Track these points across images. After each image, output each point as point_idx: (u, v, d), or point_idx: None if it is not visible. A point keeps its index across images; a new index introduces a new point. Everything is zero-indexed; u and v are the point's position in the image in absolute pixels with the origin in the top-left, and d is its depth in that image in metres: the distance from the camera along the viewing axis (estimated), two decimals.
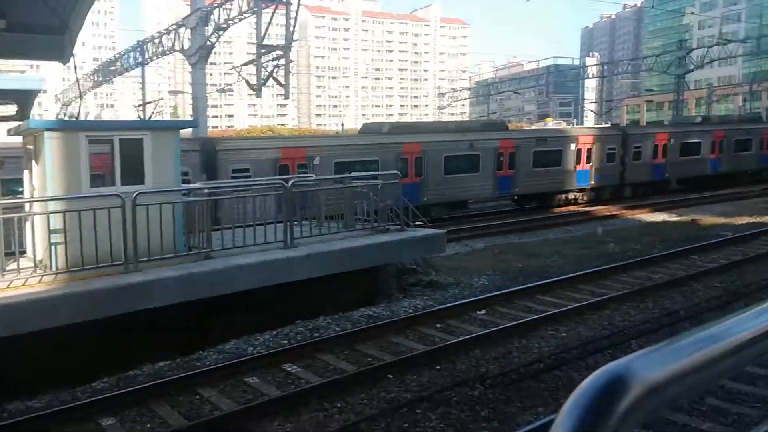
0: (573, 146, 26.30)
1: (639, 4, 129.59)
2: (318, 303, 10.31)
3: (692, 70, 47.67)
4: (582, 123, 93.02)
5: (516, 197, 25.89)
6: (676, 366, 0.69)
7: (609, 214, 23.15)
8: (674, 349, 0.71)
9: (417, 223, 12.78)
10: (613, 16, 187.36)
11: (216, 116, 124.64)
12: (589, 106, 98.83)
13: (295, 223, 10.57)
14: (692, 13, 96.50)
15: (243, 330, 9.28)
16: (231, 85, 36.03)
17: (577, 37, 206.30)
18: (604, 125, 51.91)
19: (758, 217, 19.04)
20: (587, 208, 25.30)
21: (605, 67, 60.77)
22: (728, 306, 9.79)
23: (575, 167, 26.33)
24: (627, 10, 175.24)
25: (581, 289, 11.33)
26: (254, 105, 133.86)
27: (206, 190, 10.56)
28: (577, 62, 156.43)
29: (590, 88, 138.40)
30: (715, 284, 11.17)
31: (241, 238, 9.95)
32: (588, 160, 26.71)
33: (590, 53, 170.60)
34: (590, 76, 65.23)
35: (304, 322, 9.72)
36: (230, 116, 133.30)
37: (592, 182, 26.95)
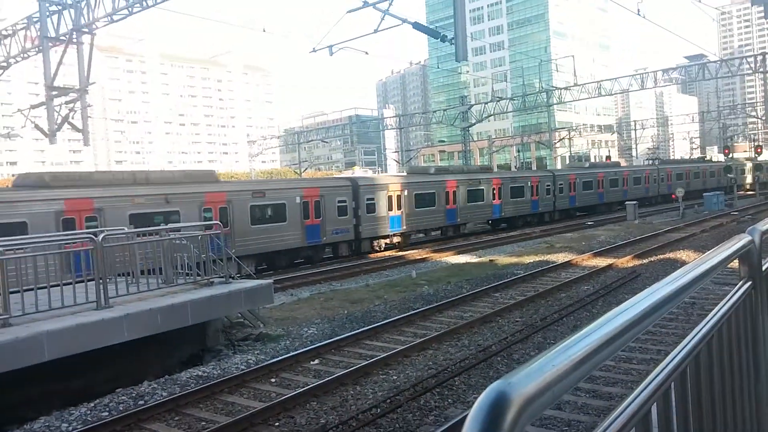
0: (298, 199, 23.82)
1: (423, 62, 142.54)
2: (140, 367, 9.56)
3: (474, 124, 53.34)
4: (386, 170, 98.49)
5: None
6: (544, 377, 0.85)
7: (420, 257, 24.66)
8: (540, 364, 0.87)
9: (237, 275, 12.54)
10: (402, 71, 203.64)
11: None
12: (391, 155, 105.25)
13: (109, 281, 9.77)
14: (467, 72, 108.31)
15: (54, 404, 8.24)
16: (12, 129, 32.28)
17: (374, 89, 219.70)
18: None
19: (542, 256, 21.52)
20: (401, 253, 26.77)
21: (401, 119, 65.26)
22: (530, 338, 10.99)
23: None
24: (413, 65, 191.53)
25: (405, 332, 11.92)
26: (42, 151, 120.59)
27: None
28: (376, 113, 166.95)
29: (390, 137, 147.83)
30: (516, 319, 12.46)
31: (46, 301, 8.94)
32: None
33: (386, 105, 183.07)
34: (389, 127, 69.46)
35: (126, 389, 8.92)
36: (13, 163, 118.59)
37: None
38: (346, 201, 25.63)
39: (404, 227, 28.28)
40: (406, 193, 28.58)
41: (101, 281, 9.33)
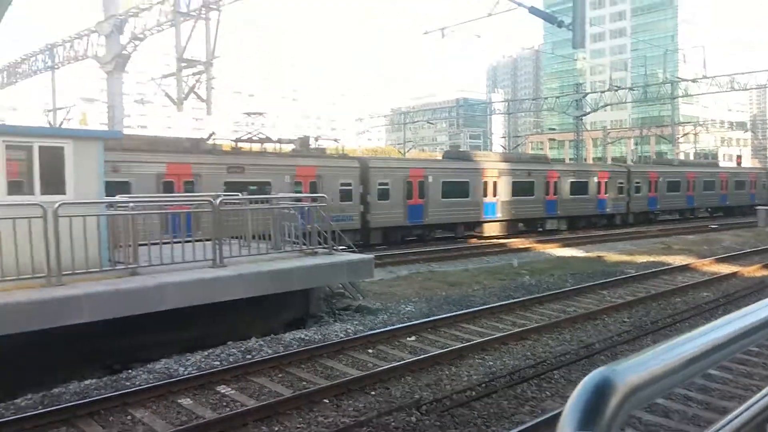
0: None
1: (536, 47, 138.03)
2: (249, 324, 10.09)
3: (589, 113, 51.15)
4: None
5: None
6: (651, 370, 0.84)
7: (522, 246, 24.34)
8: (648, 357, 0.86)
9: (341, 247, 12.83)
10: (514, 56, 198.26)
11: (128, 126, 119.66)
12: (498, 140, 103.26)
13: (224, 242, 10.35)
14: (584, 59, 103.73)
15: (173, 349, 8.90)
16: (145, 96, 34.81)
17: (484, 73, 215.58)
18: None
19: (656, 256, 20.53)
20: (502, 240, 26.49)
21: (510, 104, 63.77)
22: (638, 341, 10.49)
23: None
24: (526, 50, 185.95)
25: (503, 319, 11.77)
26: (169, 117, 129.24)
27: (131, 204, 10.12)
28: (484, 97, 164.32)
29: (497, 123, 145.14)
30: (624, 319, 11.93)
31: (169, 255, 9.60)
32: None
33: (495, 89, 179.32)
34: (496, 111, 68.17)
35: (236, 343, 9.46)
36: (143, 127, 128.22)
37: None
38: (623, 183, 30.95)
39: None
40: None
41: (217, 242, 9.89)
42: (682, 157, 74.08)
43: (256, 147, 23.00)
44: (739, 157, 64.68)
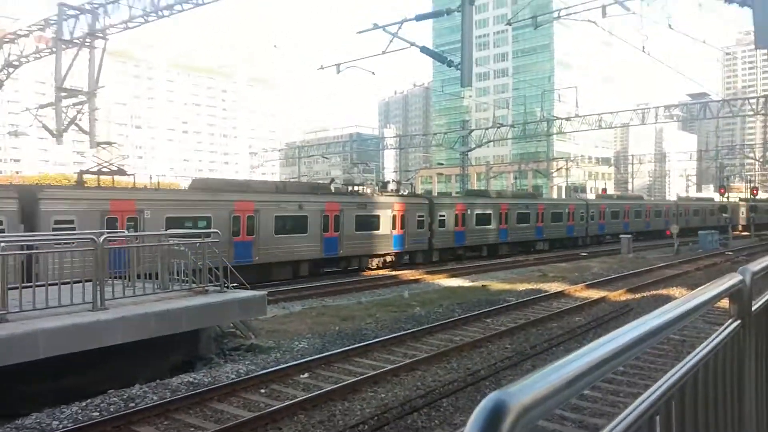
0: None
1: (426, 84, 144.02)
2: (133, 370, 9.58)
3: (473, 148, 53.76)
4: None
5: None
6: (539, 391, 0.94)
7: (413, 278, 24.87)
8: (536, 378, 0.97)
9: (232, 285, 12.57)
10: (405, 92, 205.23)
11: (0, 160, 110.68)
12: (390, 174, 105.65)
13: (106, 282, 9.84)
14: (470, 97, 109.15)
15: (47, 401, 8.25)
16: (18, 127, 32.43)
17: (376, 108, 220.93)
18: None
19: (534, 284, 21.63)
20: (394, 272, 27.00)
21: (401, 140, 65.70)
22: (519, 365, 11.05)
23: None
24: (416, 87, 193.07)
25: (395, 351, 11.95)
26: (46, 150, 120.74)
27: (2, 244, 9.40)
28: (377, 132, 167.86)
29: (389, 157, 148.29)
30: (506, 345, 12.51)
31: (44, 299, 8.99)
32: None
33: (388, 124, 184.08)
34: (388, 146, 69.87)
35: (118, 391, 8.93)
36: (17, 161, 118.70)
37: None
38: (423, 216, 31.20)
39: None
40: (468, 212, 33.89)
41: (98, 283, 9.38)
42: (555, 191, 79.32)
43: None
44: (603, 189, 70.43)
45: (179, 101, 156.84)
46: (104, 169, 20.84)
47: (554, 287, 20.88)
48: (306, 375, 10.27)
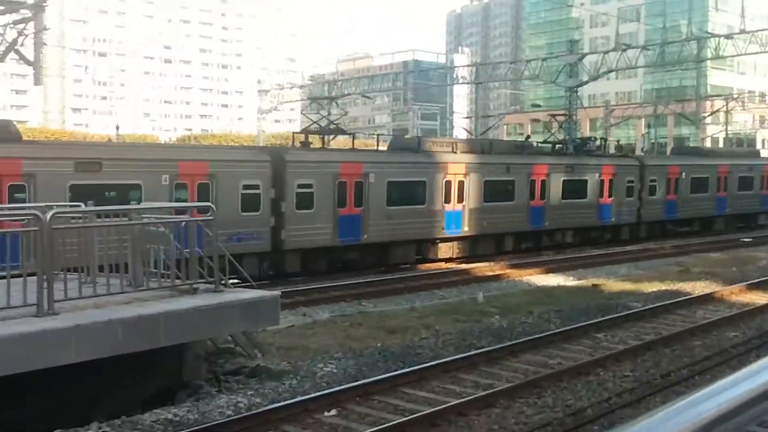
0: None
1: None
2: (90, 401, 9.93)
3: (586, 82, 52.58)
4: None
5: None
6: None
7: (491, 274, 24.91)
8: (657, 421, 0.99)
9: (232, 281, 12.83)
10: (485, 1, 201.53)
11: None
12: (460, 121, 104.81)
13: (57, 277, 10.13)
14: (582, 5, 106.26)
15: None
16: None
17: (443, 23, 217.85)
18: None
19: (671, 284, 21.34)
20: (463, 266, 27.09)
21: (479, 70, 64.79)
22: (644, 402, 10.97)
23: None
24: None
25: (462, 380, 12.04)
26: None
27: None
28: (442, 59, 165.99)
29: (460, 96, 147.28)
30: (626, 373, 12.41)
31: None
32: None
33: (459, 48, 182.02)
34: (460, 80, 69.20)
35: (67, 431, 9.28)
36: None
37: None
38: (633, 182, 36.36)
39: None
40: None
41: (45, 278, 9.64)
42: (709, 143, 77.27)
43: None
44: None
45: (161, 18, 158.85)
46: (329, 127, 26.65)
47: (699, 288, 20.52)
48: (333, 412, 10.48)
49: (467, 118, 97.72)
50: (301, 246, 24.58)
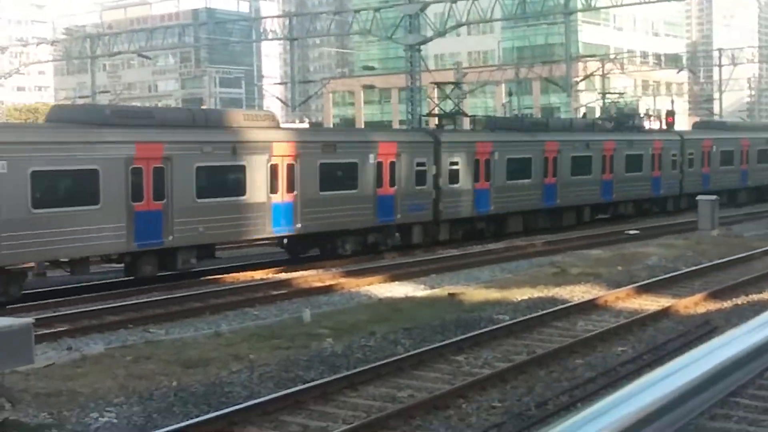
0: None
1: None
2: None
3: (431, 39, 53.86)
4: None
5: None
6: None
7: (320, 285, 25.04)
8: None
9: None
10: None
11: None
12: (271, 88, 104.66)
13: None
14: None
15: None
16: None
17: None
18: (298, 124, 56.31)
19: (545, 290, 21.99)
20: (282, 276, 27.16)
21: (293, 22, 64.87)
22: None
23: None
24: None
25: (286, 423, 12.04)
26: None
27: None
28: (245, 8, 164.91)
29: (271, 57, 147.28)
30: (494, 404, 12.75)
31: None
32: None
33: None
34: (269, 35, 69.07)
35: None
36: None
37: None
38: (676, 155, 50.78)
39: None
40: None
41: None
42: (582, 114, 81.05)
43: None
44: (670, 114, 71.65)
45: None
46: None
47: (579, 293, 21.34)
48: None
49: (281, 84, 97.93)
50: (452, 217, 36.15)
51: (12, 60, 77.47)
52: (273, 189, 29.38)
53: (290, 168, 30.04)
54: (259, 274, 27.92)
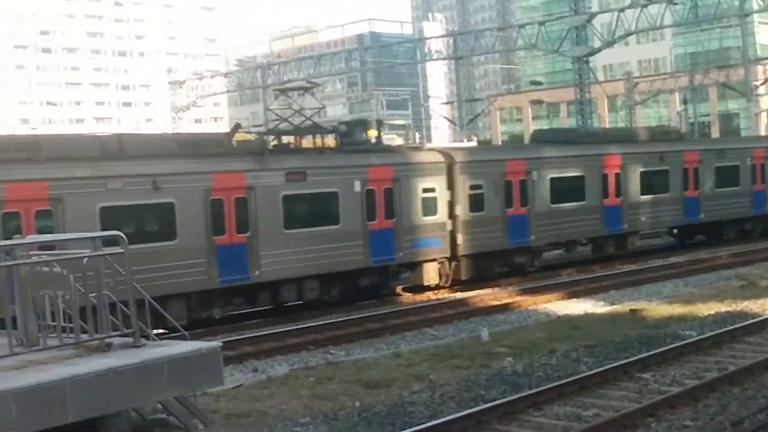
0: None
1: None
2: None
3: (599, 50, 52.94)
4: (427, 139, 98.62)
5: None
6: None
7: (496, 303, 25.02)
8: None
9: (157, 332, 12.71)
10: None
11: None
12: (439, 107, 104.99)
13: None
14: None
15: None
16: None
17: None
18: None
19: (733, 303, 21.46)
20: (458, 295, 27.18)
21: (457, 41, 64.95)
22: None
23: None
24: None
25: None
26: None
27: None
28: (408, 29, 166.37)
29: (435, 77, 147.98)
30: (685, 422, 12.40)
31: None
32: None
33: (429, 14, 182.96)
34: (433, 55, 69.37)
35: None
36: None
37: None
38: None
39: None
40: None
41: None
42: (765, 120, 78.09)
43: None
44: None
45: None
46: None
47: None
48: None
49: (448, 103, 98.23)
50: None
51: (189, 93, 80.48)
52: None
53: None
54: (434, 295, 28.12)
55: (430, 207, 29.61)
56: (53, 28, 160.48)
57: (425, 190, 29.60)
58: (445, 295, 27.87)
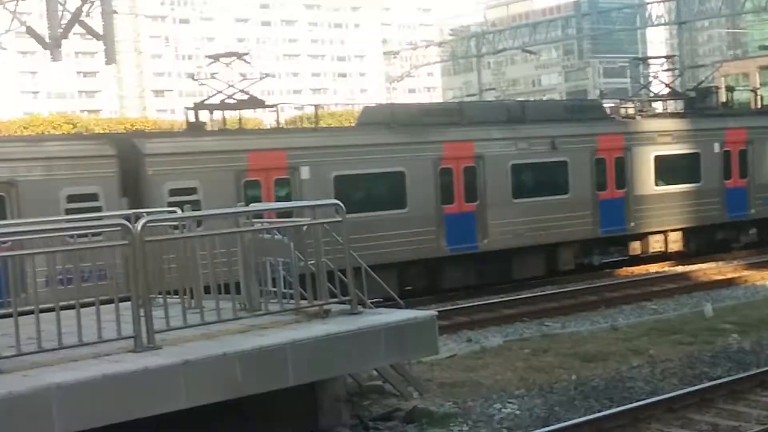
0: None
1: None
2: None
3: None
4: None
5: None
6: None
7: (720, 278, 24.41)
8: None
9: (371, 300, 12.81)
10: None
11: None
12: (661, 76, 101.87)
13: (154, 302, 10.37)
14: None
15: None
16: None
17: None
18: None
19: None
20: (680, 269, 26.71)
21: (680, 5, 63.04)
22: None
23: None
24: None
25: (694, 422, 11.68)
26: (32, 73, 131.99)
27: None
28: None
29: (655, 43, 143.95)
30: None
31: (55, 334, 9.69)
32: None
33: None
34: (654, 21, 67.54)
35: None
36: None
37: None
38: None
39: None
40: None
41: (141, 304, 9.86)
42: None
43: None
44: None
45: None
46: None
47: None
48: None
49: (669, 70, 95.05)
50: None
51: (403, 64, 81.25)
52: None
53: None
54: (654, 268, 27.71)
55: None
56: (272, 1, 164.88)
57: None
58: (664, 268, 27.41)
